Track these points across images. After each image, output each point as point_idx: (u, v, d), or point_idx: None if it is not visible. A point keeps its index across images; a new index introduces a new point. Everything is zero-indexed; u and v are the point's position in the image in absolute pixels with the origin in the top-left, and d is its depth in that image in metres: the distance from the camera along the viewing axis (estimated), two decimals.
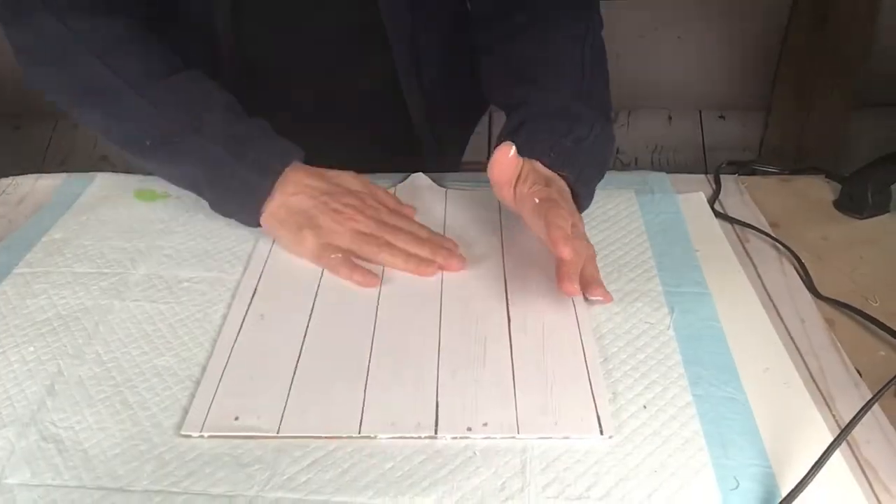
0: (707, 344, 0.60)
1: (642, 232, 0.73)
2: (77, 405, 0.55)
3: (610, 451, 0.51)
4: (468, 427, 0.52)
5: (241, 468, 0.50)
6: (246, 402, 0.55)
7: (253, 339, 0.61)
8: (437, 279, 0.67)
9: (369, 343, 0.60)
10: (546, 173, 0.67)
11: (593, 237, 0.72)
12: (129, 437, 0.53)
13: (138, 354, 0.60)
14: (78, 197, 0.80)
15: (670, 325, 0.62)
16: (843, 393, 0.56)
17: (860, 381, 0.57)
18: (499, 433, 0.52)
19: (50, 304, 0.65)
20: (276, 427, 0.53)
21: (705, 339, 0.60)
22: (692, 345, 0.59)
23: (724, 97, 1.83)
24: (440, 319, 0.62)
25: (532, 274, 0.67)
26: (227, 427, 0.53)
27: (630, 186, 0.81)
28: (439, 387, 0.56)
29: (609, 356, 0.59)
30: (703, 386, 0.56)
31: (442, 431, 0.52)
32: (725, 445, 0.51)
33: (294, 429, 0.53)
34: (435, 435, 0.52)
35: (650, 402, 0.55)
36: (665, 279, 0.67)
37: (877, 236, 0.76)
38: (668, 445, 0.51)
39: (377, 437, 0.52)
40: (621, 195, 0.79)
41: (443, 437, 0.52)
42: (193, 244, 0.73)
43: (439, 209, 0.77)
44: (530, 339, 0.60)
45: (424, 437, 0.52)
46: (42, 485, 0.49)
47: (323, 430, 0.53)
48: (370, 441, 0.52)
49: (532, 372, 0.57)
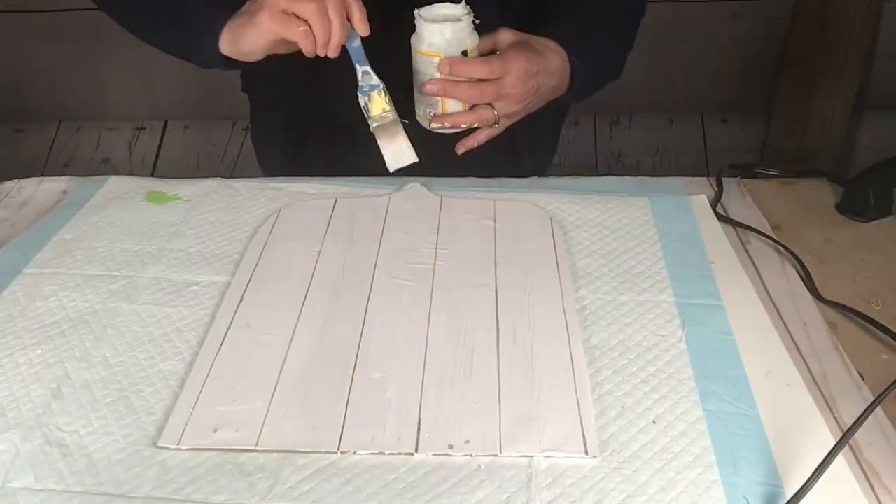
0: (719, 358, 0.59)
1: (656, 241, 0.72)
2: (83, 409, 0.55)
3: (618, 467, 0.50)
4: (449, 444, 0.51)
5: (244, 476, 0.50)
6: (225, 414, 0.54)
7: (237, 349, 0.60)
8: (427, 287, 0.66)
9: (355, 352, 0.59)
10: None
11: (605, 246, 0.72)
12: (134, 443, 0.53)
13: (145, 358, 0.60)
14: (90, 198, 0.81)
15: (682, 337, 0.61)
16: (845, 396, 0.56)
17: (862, 384, 0.57)
18: (480, 451, 0.51)
19: (59, 305, 0.65)
20: (255, 441, 0.52)
21: (718, 353, 0.59)
22: (704, 358, 0.58)
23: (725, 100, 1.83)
24: (428, 328, 0.62)
25: (525, 284, 0.66)
26: (205, 439, 0.52)
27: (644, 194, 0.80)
28: (423, 401, 0.55)
29: (619, 369, 0.58)
30: (714, 401, 0.55)
31: (422, 448, 0.51)
32: (736, 463, 0.50)
33: (272, 443, 0.52)
34: (414, 452, 0.51)
35: (659, 416, 0.54)
36: (678, 290, 0.66)
37: (879, 239, 0.75)
38: (676, 462, 0.50)
39: (356, 454, 0.51)
40: (635, 203, 0.78)
41: (423, 454, 0.51)
42: (203, 247, 0.73)
43: (433, 217, 0.76)
44: (519, 351, 0.59)
45: (404, 453, 0.51)
46: (45, 489, 0.49)
47: (301, 444, 0.52)
48: (382, 455, 0.51)
49: (519, 386, 0.56)
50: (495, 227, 0.74)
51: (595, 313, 0.63)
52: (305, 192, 0.81)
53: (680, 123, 1.85)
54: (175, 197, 0.80)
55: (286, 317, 0.63)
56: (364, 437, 0.52)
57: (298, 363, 0.59)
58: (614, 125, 1.85)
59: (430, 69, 0.76)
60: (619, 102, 1.82)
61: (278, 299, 0.65)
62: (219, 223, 0.76)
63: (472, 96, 0.77)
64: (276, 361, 0.59)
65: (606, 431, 0.53)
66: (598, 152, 1.86)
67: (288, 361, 0.59)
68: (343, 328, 0.62)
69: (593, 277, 0.68)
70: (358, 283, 0.67)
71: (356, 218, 0.76)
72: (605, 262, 0.70)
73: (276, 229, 0.74)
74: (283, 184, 0.82)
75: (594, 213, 0.77)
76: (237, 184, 0.83)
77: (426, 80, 0.76)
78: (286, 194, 0.80)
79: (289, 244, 0.72)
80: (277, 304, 0.65)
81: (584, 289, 0.66)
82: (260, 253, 0.71)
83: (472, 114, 0.77)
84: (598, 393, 0.56)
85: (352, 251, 0.71)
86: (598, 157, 1.85)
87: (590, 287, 0.66)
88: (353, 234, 0.74)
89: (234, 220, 0.76)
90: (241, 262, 0.70)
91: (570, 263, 0.69)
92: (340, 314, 0.63)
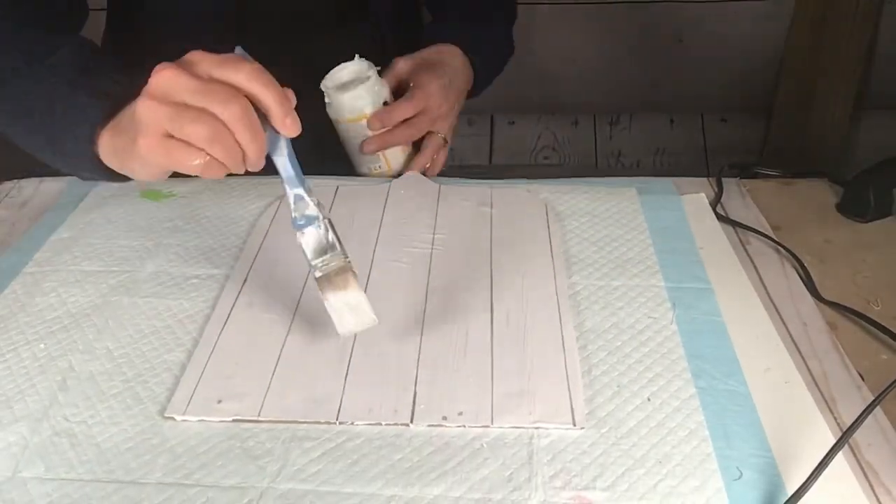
0: (709, 338, 0.61)
1: (644, 229, 0.74)
2: (89, 400, 0.56)
3: (615, 443, 0.52)
4: (443, 416, 0.54)
5: (253, 460, 0.51)
6: (229, 386, 0.56)
7: (240, 326, 0.62)
8: (424, 270, 0.68)
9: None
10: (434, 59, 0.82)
11: (596, 233, 0.73)
12: (142, 432, 0.53)
13: (149, 350, 0.61)
14: (84, 197, 0.81)
15: (673, 319, 0.62)
16: (845, 396, 0.57)
17: (862, 384, 0.58)
18: (473, 422, 0.53)
19: (59, 301, 0.66)
20: (258, 411, 0.54)
21: (707, 334, 0.61)
22: (695, 339, 0.60)
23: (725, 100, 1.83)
24: (425, 309, 0.64)
25: (520, 269, 0.68)
26: (210, 410, 0.54)
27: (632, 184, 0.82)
28: (419, 375, 0.57)
29: (613, 350, 0.60)
30: (705, 379, 0.57)
31: (417, 419, 0.53)
32: (728, 437, 0.52)
33: (274, 414, 0.54)
34: (410, 423, 0.53)
35: (654, 394, 0.56)
36: (668, 275, 0.68)
37: (879, 240, 0.76)
38: (672, 437, 0.52)
39: (354, 424, 0.53)
40: (623, 193, 0.80)
41: (418, 425, 0.53)
42: (201, 241, 0.74)
43: (432, 203, 0.78)
44: (512, 331, 0.61)
45: (400, 424, 0.53)
46: (56, 479, 0.50)
47: (302, 415, 0.54)
48: (380, 431, 0.53)
49: (511, 363, 0.58)
50: (492, 213, 0.76)
51: (588, 298, 0.65)
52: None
53: (680, 123, 1.86)
54: (170, 194, 0.81)
55: (287, 297, 0.65)
56: (362, 408, 0.54)
57: (300, 339, 0.61)
58: (614, 125, 1.86)
59: (360, 131, 0.80)
60: (619, 102, 1.83)
61: (280, 282, 0.67)
62: (215, 218, 0.77)
63: (410, 136, 0.82)
64: (279, 337, 0.61)
65: (604, 409, 0.55)
66: (598, 152, 1.87)
67: (290, 337, 0.61)
68: None
69: (585, 264, 0.69)
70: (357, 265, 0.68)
71: (357, 204, 0.78)
72: (596, 249, 0.71)
73: (277, 218, 0.76)
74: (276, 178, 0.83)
75: (584, 203, 0.78)
76: (231, 180, 0.83)
77: (360, 142, 0.80)
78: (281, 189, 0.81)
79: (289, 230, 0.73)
80: (279, 287, 0.66)
81: (576, 275, 0.68)
82: (262, 240, 0.73)
83: (424, 154, 0.83)
84: (594, 374, 0.58)
85: (352, 236, 0.73)
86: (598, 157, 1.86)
87: (582, 273, 0.68)
88: (354, 219, 0.75)
89: (229, 215, 0.77)
90: (244, 249, 0.72)
91: (563, 249, 0.71)
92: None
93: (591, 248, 0.72)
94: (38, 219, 0.79)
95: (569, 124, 1.87)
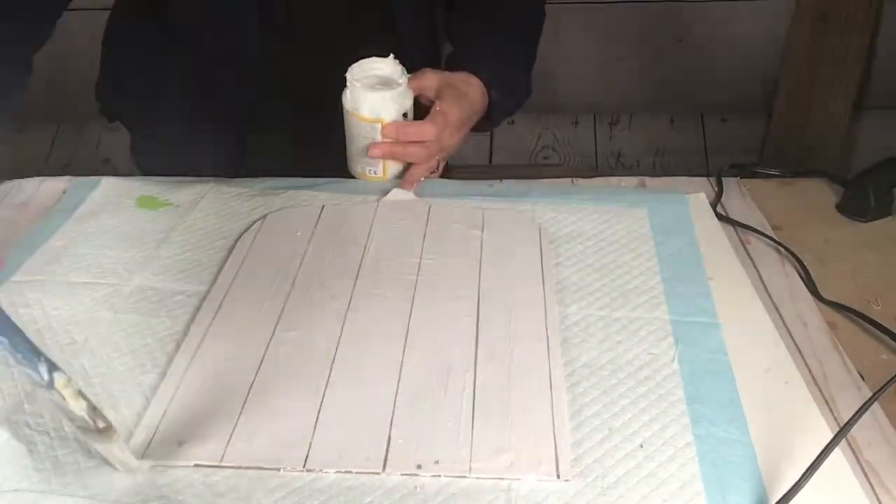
0: (712, 379, 0.57)
1: (653, 255, 0.71)
2: (55, 414, 0.54)
3: (601, 493, 0.49)
4: (418, 465, 0.50)
5: (216, 497, 0.49)
6: (193, 424, 0.53)
7: (209, 361, 0.59)
8: (408, 299, 0.65)
9: (328, 368, 0.58)
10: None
11: (599, 259, 0.70)
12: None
13: (124, 370, 0.59)
14: (81, 203, 0.79)
15: (675, 357, 0.59)
16: (845, 396, 0.56)
17: (862, 383, 0.57)
18: (449, 472, 0.50)
19: (42, 314, 0.64)
20: (220, 457, 0.51)
21: (710, 375, 0.57)
22: (696, 380, 0.57)
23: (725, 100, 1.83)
24: (405, 343, 0.60)
25: (508, 299, 0.65)
26: (170, 453, 0.51)
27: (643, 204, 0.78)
28: (394, 418, 0.54)
29: (607, 389, 0.56)
30: (704, 425, 0.53)
31: (390, 467, 0.50)
32: (724, 491, 0.49)
33: (238, 459, 0.51)
34: (381, 471, 0.50)
35: (647, 440, 0.52)
36: (673, 307, 0.64)
37: (879, 239, 0.76)
38: (663, 489, 0.49)
39: (322, 472, 0.50)
40: (633, 214, 0.76)
41: (390, 474, 0.50)
42: (190, 255, 0.71)
43: (421, 225, 0.75)
44: (497, 368, 0.58)
45: (371, 472, 0.50)
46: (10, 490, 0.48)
47: (268, 460, 0.51)
48: (349, 473, 0.50)
49: (494, 406, 0.55)
50: (482, 237, 0.73)
51: (586, 330, 0.62)
52: (297, 197, 0.79)
53: (680, 123, 1.86)
54: (165, 203, 0.79)
55: (262, 329, 0.62)
56: (331, 455, 0.51)
57: (271, 377, 0.57)
58: (614, 125, 1.86)
59: (371, 133, 0.78)
60: (619, 102, 1.82)
61: (255, 310, 0.64)
62: (207, 230, 0.74)
63: (418, 157, 0.79)
64: (248, 375, 0.58)
65: (591, 455, 0.51)
66: (598, 152, 1.86)
67: (260, 375, 0.58)
68: (319, 341, 0.61)
69: (586, 293, 0.66)
70: (338, 295, 0.66)
71: (342, 225, 0.75)
72: (598, 277, 0.68)
73: (259, 238, 0.73)
74: (275, 186, 0.81)
75: (590, 225, 0.75)
76: (230, 187, 0.81)
77: (367, 143, 0.78)
78: (279, 199, 0.79)
79: (270, 253, 0.71)
80: (254, 316, 0.63)
81: (575, 304, 0.65)
82: (241, 262, 0.70)
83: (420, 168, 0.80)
84: (584, 415, 0.54)
85: (335, 260, 0.70)
86: (598, 157, 1.86)
87: (581, 302, 0.65)
88: (338, 241, 0.72)
89: (222, 228, 0.75)
90: (221, 271, 0.69)
91: (556, 279, 0.68)
92: (317, 326, 0.62)
93: (594, 274, 0.68)
94: (37, 219, 0.78)
95: (569, 124, 1.86)
